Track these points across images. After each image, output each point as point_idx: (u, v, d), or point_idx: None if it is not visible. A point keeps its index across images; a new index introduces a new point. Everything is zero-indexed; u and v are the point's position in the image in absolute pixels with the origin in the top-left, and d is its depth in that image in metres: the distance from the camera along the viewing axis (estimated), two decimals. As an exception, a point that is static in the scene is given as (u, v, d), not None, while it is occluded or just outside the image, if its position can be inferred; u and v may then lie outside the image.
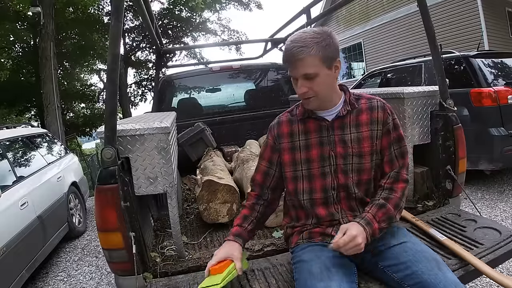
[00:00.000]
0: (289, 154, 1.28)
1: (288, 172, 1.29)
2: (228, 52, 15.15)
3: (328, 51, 1.13)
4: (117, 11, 1.34)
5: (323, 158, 1.24)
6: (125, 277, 1.44)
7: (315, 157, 1.25)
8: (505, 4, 9.11)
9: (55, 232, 3.36)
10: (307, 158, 1.25)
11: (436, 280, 1.04)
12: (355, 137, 1.24)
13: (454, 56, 3.94)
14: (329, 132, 1.25)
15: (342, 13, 12.56)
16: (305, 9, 3.05)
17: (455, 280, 1.06)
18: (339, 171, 1.24)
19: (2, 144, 3.22)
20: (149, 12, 2.49)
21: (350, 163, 1.24)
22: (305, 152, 1.26)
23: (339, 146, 1.24)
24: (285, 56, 1.17)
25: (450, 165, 1.84)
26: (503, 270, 2.25)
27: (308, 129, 1.27)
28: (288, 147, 1.29)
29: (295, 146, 1.28)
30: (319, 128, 1.26)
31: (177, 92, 3.70)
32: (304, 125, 1.28)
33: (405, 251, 1.16)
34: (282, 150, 1.30)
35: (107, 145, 1.36)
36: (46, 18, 7.77)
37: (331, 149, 1.24)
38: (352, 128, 1.25)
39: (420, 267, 1.09)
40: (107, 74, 1.41)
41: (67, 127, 13.04)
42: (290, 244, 1.35)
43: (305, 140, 1.27)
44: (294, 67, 1.15)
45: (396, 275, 1.14)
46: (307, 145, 1.26)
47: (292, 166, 1.28)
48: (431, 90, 1.90)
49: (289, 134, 1.29)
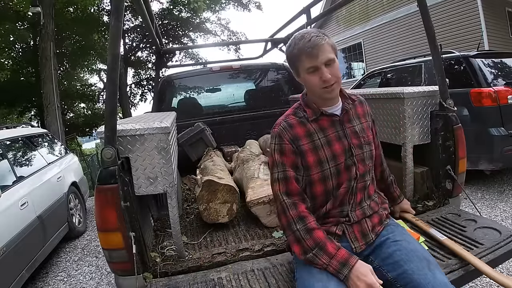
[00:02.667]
0: (313, 155, 1.22)
1: (315, 174, 1.22)
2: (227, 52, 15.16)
3: (332, 41, 1.20)
4: (117, 11, 1.34)
5: (345, 151, 1.25)
6: (125, 277, 1.44)
7: (340, 151, 1.24)
8: (505, 4, 9.11)
9: (55, 232, 3.36)
10: (332, 154, 1.23)
11: (425, 281, 1.05)
12: (361, 127, 1.31)
13: (454, 56, 3.93)
14: (342, 125, 1.27)
15: (342, 13, 12.57)
16: (305, 9, 3.05)
17: (444, 281, 1.07)
18: (359, 160, 1.26)
19: (2, 144, 3.22)
20: (149, 12, 2.49)
21: (366, 151, 1.29)
22: (328, 148, 1.24)
23: (353, 137, 1.28)
24: (305, 47, 1.15)
25: (450, 165, 1.84)
26: (503, 270, 2.25)
27: (323, 126, 1.26)
28: (310, 147, 1.22)
29: (316, 145, 1.23)
30: (333, 124, 1.27)
31: (177, 92, 3.71)
32: (318, 123, 1.26)
33: (399, 249, 1.17)
34: (304, 152, 1.22)
35: (107, 145, 1.36)
36: (46, 18, 7.77)
37: (349, 141, 1.26)
38: (356, 120, 1.32)
39: (411, 267, 1.09)
40: (107, 74, 1.41)
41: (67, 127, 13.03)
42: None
43: (324, 137, 1.25)
44: (315, 55, 1.14)
45: (389, 274, 1.14)
46: (328, 141, 1.24)
47: (319, 166, 1.22)
48: (431, 90, 1.90)
49: (307, 135, 1.23)
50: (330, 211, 1.25)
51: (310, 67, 1.17)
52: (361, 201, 1.27)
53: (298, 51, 1.17)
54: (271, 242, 1.70)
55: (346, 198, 1.25)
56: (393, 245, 1.19)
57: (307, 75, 1.19)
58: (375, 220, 1.28)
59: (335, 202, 1.24)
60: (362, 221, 1.26)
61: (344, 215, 1.25)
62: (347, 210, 1.25)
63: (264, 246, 1.67)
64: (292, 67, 1.25)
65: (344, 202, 1.25)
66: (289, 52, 1.22)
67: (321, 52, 1.14)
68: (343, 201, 1.25)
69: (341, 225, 1.24)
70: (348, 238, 1.23)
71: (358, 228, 1.25)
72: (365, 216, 1.27)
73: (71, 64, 13.52)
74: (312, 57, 1.15)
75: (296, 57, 1.18)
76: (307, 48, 1.14)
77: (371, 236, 1.24)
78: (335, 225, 1.24)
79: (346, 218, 1.25)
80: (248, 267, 1.49)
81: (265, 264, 1.50)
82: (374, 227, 1.26)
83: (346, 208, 1.25)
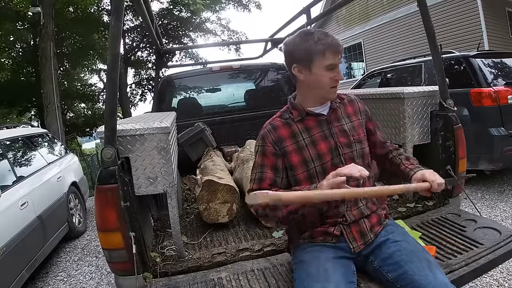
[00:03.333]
0: (297, 155, 1.24)
1: (300, 173, 1.24)
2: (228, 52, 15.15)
3: None
4: (117, 11, 1.34)
5: (331, 150, 1.25)
6: (125, 277, 1.44)
7: (325, 150, 1.25)
8: (505, 4, 9.10)
9: (55, 232, 3.36)
10: (317, 153, 1.24)
11: (426, 281, 1.05)
12: (351, 126, 1.31)
13: (454, 56, 3.93)
14: (328, 125, 1.27)
15: (342, 13, 12.56)
16: (305, 9, 3.05)
17: (445, 281, 1.07)
18: (347, 159, 1.25)
19: (2, 144, 3.22)
20: (149, 12, 2.49)
21: (355, 149, 1.28)
22: (313, 148, 1.24)
23: (341, 136, 1.27)
24: (333, 44, 1.17)
25: (450, 165, 1.84)
26: (503, 270, 2.25)
27: (309, 126, 1.27)
28: (294, 148, 1.25)
29: (300, 145, 1.25)
30: (319, 124, 1.27)
31: (177, 92, 3.71)
32: (303, 124, 1.27)
33: (399, 250, 1.17)
34: (288, 153, 1.25)
35: (107, 145, 1.37)
36: (46, 18, 7.76)
37: (336, 140, 1.26)
38: (345, 118, 1.32)
39: (412, 267, 1.10)
40: (107, 74, 1.41)
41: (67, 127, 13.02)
42: (290, 242, 1.34)
43: (309, 137, 1.26)
44: (339, 54, 1.20)
45: (390, 275, 1.14)
46: (313, 141, 1.25)
47: (304, 165, 1.24)
48: (431, 90, 1.90)
49: (291, 136, 1.26)
50: (327, 211, 1.24)
51: (331, 64, 1.18)
52: (356, 201, 1.27)
53: (324, 46, 1.16)
54: (271, 242, 1.70)
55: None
56: (393, 246, 1.19)
57: (324, 72, 1.19)
58: (374, 220, 1.28)
59: (331, 203, 1.23)
60: (360, 221, 1.25)
61: (341, 215, 1.25)
62: (343, 210, 1.25)
63: (264, 246, 1.67)
64: (304, 61, 1.19)
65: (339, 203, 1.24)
66: (308, 46, 1.17)
67: (341, 53, 1.20)
68: (338, 201, 1.24)
69: (338, 226, 1.24)
70: (346, 238, 1.23)
71: (356, 228, 1.24)
72: (363, 216, 1.26)
73: (71, 64, 13.52)
74: (336, 55, 1.18)
75: (319, 52, 1.17)
76: (336, 45, 1.17)
77: (369, 236, 1.24)
78: (333, 225, 1.24)
79: (343, 218, 1.24)
80: (248, 267, 1.50)
81: (265, 264, 1.50)
82: (372, 227, 1.26)
83: (342, 208, 1.25)
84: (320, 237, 1.25)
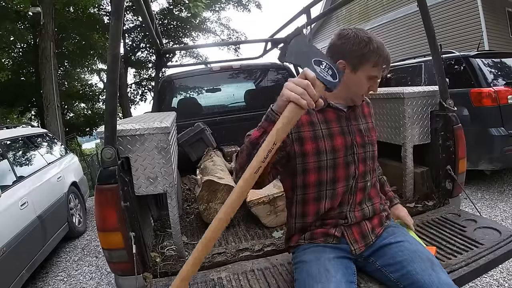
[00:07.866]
0: (312, 143, 1.21)
1: (311, 162, 1.21)
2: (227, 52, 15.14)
3: None
4: (117, 11, 1.34)
5: (346, 147, 1.24)
6: (125, 277, 1.44)
7: (340, 146, 1.23)
8: (505, 4, 9.10)
9: (55, 232, 3.36)
10: (332, 146, 1.22)
11: (430, 281, 1.05)
12: (366, 127, 1.31)
13: (454, 56, 3.94)
14: (347, 122, 1.27)
15: (342, 13, 12.56)
16: (305, 9, 3.05)
17: (448, 281, 1.06)
18: (360, 159, 1.25)
19: (2, 144, 3.22)
20: (149, 12, 2.49)
21: (368, 150, 1.28)
22: (329, 141, 1.22)
23: (358, 135, 1.27)
24: (385, 60, 1.19)
25: (450, 165, 1.84)
26: (503, 270, 2.25)
27: (328, 119, 1.25)
28: (310, 135, 1.21)
29: (317, 135, 1.21)
30: (338, 118, 1.26)
31: (177, 92, 3.70)
32: (323, 115, 1.25)
33: (401, 250, 1.16)
34: (303, 140, 1.20)
35: (107, 145, 1.36)
36: (46, 18, 7.76)
37: (353, 138, 1.26)
38: (362, 118, 1.32)
39: (415, 267, 1.09)
40: (107, 74, 1.41)
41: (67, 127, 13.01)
42: (290, 242, 1.34)
43: (327, 129, 1.23)
44: (385, 70, 1.22)
45: (392, 275, 1.14)
46: (330, 134, 1.23)
47: (316, 155, 1.21)
48: (431, 90, 1.90)
49: (310, 123, 1.22)
50: (329, 211, 1.24)
51: (374, 76, 1.21)
52: (361, 202, 1.26)
53: (379, 59, 1.18)
54: (271, 242, 1.70)
55: (346, 198, 1.24)
56: (395, 246, 1.19)
57: (366, 80, 1.20)
58: (375, 222, 1.27)
59: (334, 202, 1.23)
60: (361, 223, 1.25)
61: (342, 216, 1.24)
62: (346, 211, 1.24)
63: (264, 246, 1.67)
64: (353, 62, 1.18)
65: (343, 202, 1.24)
66: (365, 51, 1.16)
67: (388, 69, 1.24)
68: (342, 201, 1.24)
69: (339, 227, 1.23)
70: (347, 240, 1.23)
71: (358, 229, 1.24)
72: (365, 218, 1.26)
73: (71, 64, 13.51)
74: (381, 71, 1.21)
75: (372, 61, 1.17)
76: (387, 61, 1.21)
77: (371, 237, 1.24)
78: (334, 226, 1.24)
79: (345, 220, 1.24)
80: (248, 267, 1.49)
81: (265, 264, 1.50)
82: (374, 229, 1.26)
83: (345, 208, 1.24)
84: (321, 238, 1.25)
